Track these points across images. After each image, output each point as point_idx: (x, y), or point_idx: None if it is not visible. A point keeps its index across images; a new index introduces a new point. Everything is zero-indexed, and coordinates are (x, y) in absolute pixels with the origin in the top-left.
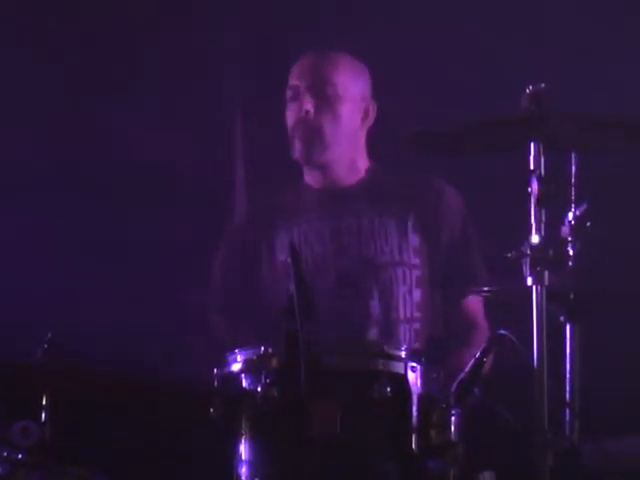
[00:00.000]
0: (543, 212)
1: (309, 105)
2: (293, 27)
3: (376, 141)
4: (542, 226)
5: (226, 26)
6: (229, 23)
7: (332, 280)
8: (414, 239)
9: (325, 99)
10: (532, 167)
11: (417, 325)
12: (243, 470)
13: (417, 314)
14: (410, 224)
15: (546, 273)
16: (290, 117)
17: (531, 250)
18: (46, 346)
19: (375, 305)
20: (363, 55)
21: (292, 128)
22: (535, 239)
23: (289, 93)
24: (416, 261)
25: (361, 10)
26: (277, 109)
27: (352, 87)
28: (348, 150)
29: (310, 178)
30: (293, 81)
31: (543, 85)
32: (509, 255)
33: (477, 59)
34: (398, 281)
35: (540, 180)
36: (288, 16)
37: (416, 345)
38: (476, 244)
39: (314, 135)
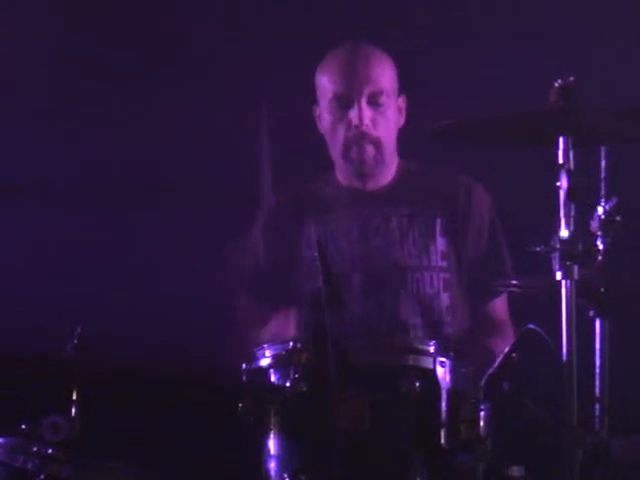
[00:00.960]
0: (572, 206)
1: (368, 119)
2: (318, 24)
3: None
4: (571, 220)
5: (256, 27)
6: (258, 24)
7: (359, 282)
8: (442, 242)
9: (379, 109)
10: (561, 161)
11: (446, 329)
12: (272, 465)
13: (446, 318)
14: (438, 226)
15: (575, 267)
16: (339, 129)
17: (560, 244)
18: (76, 341)
19: (402, 308)
20: (392, 47)
21: (346, 143)
22: (564, 233)
23: (334, 102)
24: (443, 264)
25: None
26: (302, 105)
27: (394, 87)
28: (392, 154)
29: (342, 175)
30: (340, 88)
31: (572, 78)
32: (538, 249)
33: (507, 51)
34: (425, 285)
35: (569, 174)
36: (314, 13)
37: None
38: (504, 242)
39: (374, 151)
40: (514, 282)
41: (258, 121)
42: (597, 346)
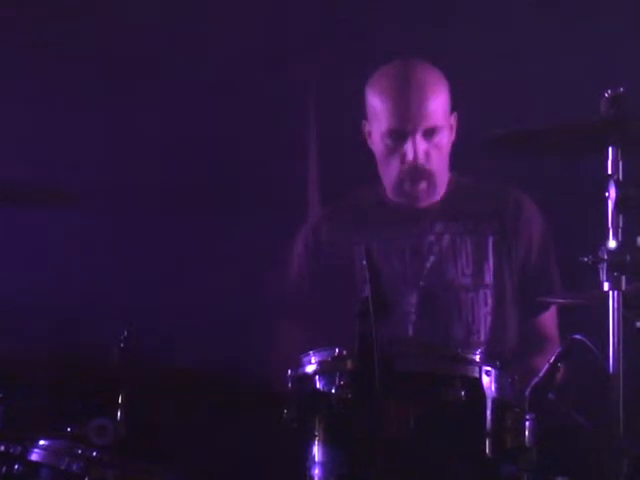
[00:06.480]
0: (621, 217)
1: (422, 153)
2: (372, 26)
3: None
4: (619, 231)
5: (305, 25)
6: (306, 22)
7: (413, 301)
8: (494, 258)
9: (433, 141)
10: (610, 171)
11: (499, 347)
12: (316, 472)
13: (498, 336)
14: (490, 243)
15: (623, 278)
16: (393, 160)
17: (608, 255)
18: (122, 344)
19: (457, 328)
20: (440, 60)
21: (399, 177)
22: (612, 244)
23: (388, 135)
24: (496, 281)
25: (437, 11)
26: (353, 110)
27: (447, 114)
28: (444, 176)
29: (391, 193)
30: (394, 123)
31: (622, 89)
32: (586, 260)
33: (557, 61)
34: (480, 303)
35: (618, 184)
36: (365, 15)
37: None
38: (554, 256)
39: (426, 185)
40: (561, 300)
41: (305, 131)
42: None
